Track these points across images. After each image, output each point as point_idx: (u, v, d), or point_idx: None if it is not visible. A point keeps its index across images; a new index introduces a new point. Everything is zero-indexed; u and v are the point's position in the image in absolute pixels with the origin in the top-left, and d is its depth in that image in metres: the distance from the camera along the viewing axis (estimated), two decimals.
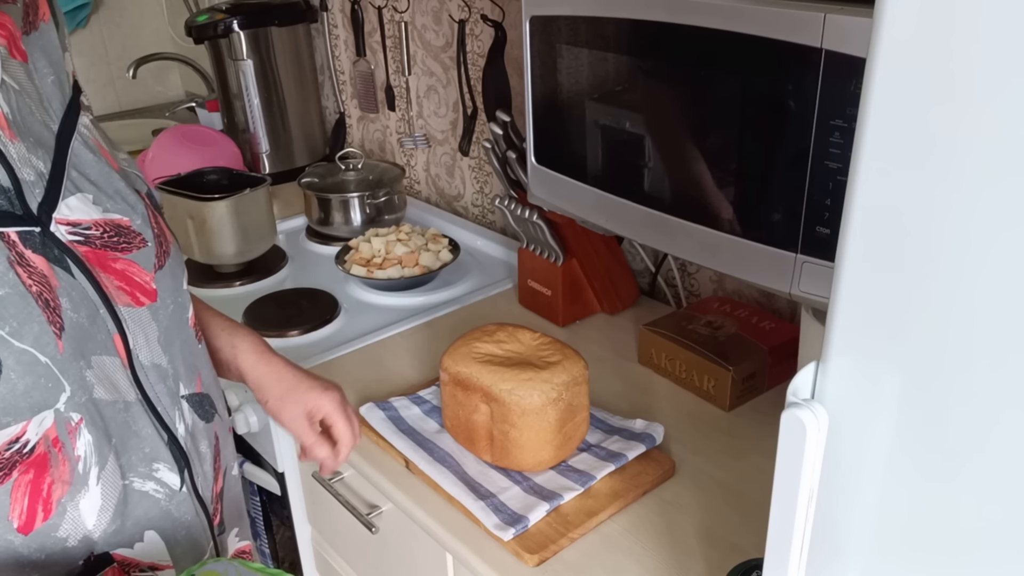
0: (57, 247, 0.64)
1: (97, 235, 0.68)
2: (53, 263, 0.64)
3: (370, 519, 1.11)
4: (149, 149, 1.87)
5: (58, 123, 0.67)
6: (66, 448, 0.64)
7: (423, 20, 1.70)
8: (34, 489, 0.63)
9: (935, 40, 0.40)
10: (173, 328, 0.75)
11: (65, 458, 0.64)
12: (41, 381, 0.61)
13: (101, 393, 0.67)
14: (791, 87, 0.78)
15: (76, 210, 0.66)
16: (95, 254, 0.67)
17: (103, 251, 0.68)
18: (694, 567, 0.87)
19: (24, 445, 0.62)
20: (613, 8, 0.92)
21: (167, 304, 0.74)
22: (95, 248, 0.67)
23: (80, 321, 0.65)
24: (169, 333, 0.74)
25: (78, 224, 0.66)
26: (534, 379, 0.93)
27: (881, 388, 0.48)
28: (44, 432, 0.62)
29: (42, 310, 0.62)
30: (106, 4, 2.57)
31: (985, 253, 0.41)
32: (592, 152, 1.02)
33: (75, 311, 0.65)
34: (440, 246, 1.52)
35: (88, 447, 0.65)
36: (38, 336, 0.61)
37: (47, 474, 0.63)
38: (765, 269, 0.86)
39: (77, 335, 0.64)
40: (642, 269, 1.44)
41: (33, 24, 0.67)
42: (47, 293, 0.62)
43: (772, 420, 1.09)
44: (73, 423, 0.64)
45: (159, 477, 0.71)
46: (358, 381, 1.21)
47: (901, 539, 0.51)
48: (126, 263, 0.70)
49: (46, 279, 0.63)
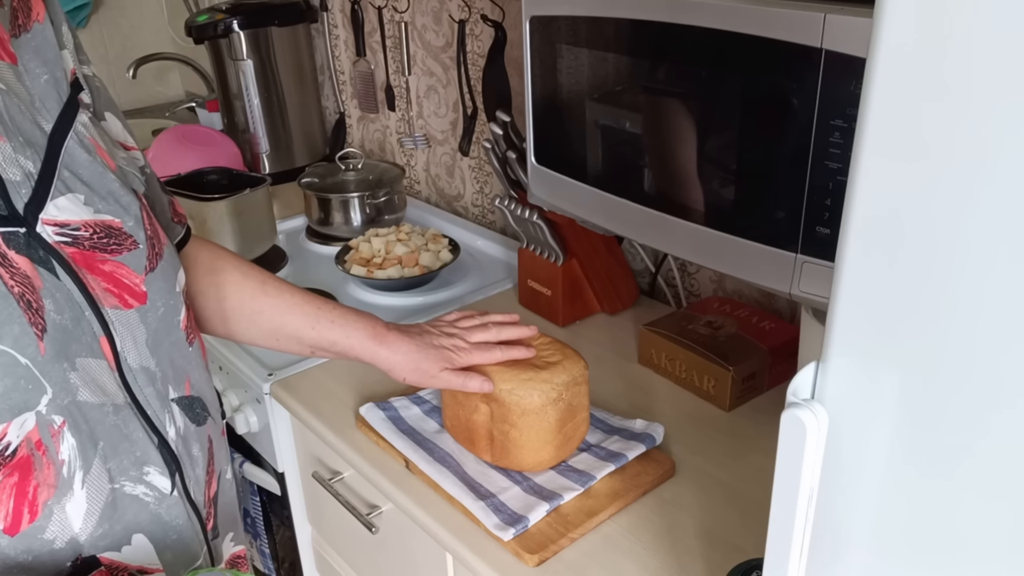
0: (43, 248, 0.64)
1: (86, 236, 0.68)
2: (37, 264, 0.64)
3: (370, 519, 1.11)
4: (149, 149, 1.87)
5: (52, 123, 0.67)
6: (50, 452, 0.64)
7: (423, 20, 1.70)
8: (19, 491, 0.63)
9: (935, 40, 0.40)
10: (162, 331, 0.75)
11: (49, 461, 0.64)
12: (21, 383, 0.61)
13: (87, 396, 0.66)
14: (791, 87, 0.78)
15: (65, 211, 0.66)
16: (83, 255, 0.67)
17: (91, 252, 0.68)
18: (694, 567, 0.87)
19: (6, 448, 0.61)
20: (613, 8, 0.92)
21: (157, 307, 0.74)
22: (83, 249, 0.67)
23: (63, 323, 0.65)
24: (158, 336, 0.74)
25: (66, 225, 0.66)
26: (534, 379, 0.93)
27: (881, 388, 0.48)
28: (26, 435, 0.62)
29: (23, 311, 0.61)
30: (106, 4, 2.57)
31: (985, 253, 0.41)
32: (592, 152, 1.02)
33: (59, 313, 0.64)
34: (440, 246, 1.52)
35: (72, 451, 0.65)
36: (18, 337, 0.61)
37: (32, 477, 0.63)
38: (765, 269, 0.86)
39: (60, 337, 0.64)
40: (642, 269, 1.44)
41: (24, 26, 0.68)
42: (29, 294, 0.62)
43: (772, 420, 1.09)
44: (56, 426, 0.64)
45: (149, 480, 0.71)
46: (358, 381, 1.21)
47: (901, 539, 0.51)
48: (115, 265, 0.70)
49: (29, 280, 0.63)
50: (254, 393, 1.26)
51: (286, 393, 1.20)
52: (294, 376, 1.23)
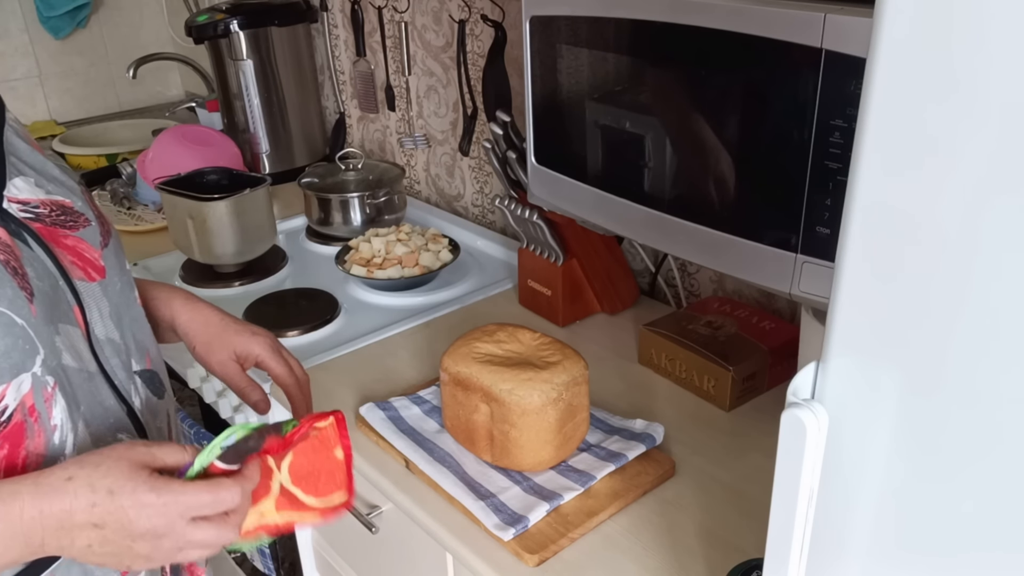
0: (13, 222, 0.68)
1: (46, 213, 0.72)
2: (13, 236, 0.68)
3: (370, 519, 1.11)
4: (149, 149, 1.87)
5: None
6: (42, 418, 0.66)
7: (423, 20, 1.70)
8: (8, 464, 0.65)
9: (935, 40, 0.40)
10: (123, 305, 0.78)
11: (41, 429, 0.66)
12: (19, 343, 0.64)
13: (69, 360, 0.69)
14: (791, 87, 0.78)
15: (23, 190, 0.71)
16: (48, 230, 0.71)
17: (54, 228, 0.72)
18: (694, 567, 0.87)
19: (3, 412, 0.64)
20: (613, 8, 0.92)
21: (115, 281, 0.77)
22: (46, 225, 0.71)
23: (45, 289, 0.68)
24: (119, 309, 0.77)
25: (27, 203, 0.71)
26: (534, 379, 0.93)
27: (881, 388, 0.48)
28: (21, 398, 0.64)
29: (11, 276, 0.65)
30: (106, 4, 2.57)
31: (985, 253, 0.41)
32: (592, 152, 1.02)
33: (40, 279, 0.68)
34: (440, 246, 1.52)
35: (63, 414, 0.68)
36: (12, 299, 0.64)
37: (22, 447, 0.65)
38: (765, 269, 0.86)
39: (45, 301, 0.67)
40: (642, 269, 1.44)
41: None
42: (14, 262, 0.66)
43: (772, 420, 1.09)
44: (49, 388, 0.66)
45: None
46: (358, 381, 1.21)
47: (901, 539, 0.51)
48: (76, 240, 0.73)
49: (10, 248, 0.66)
50: None
51: None
52: None
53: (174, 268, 1.60)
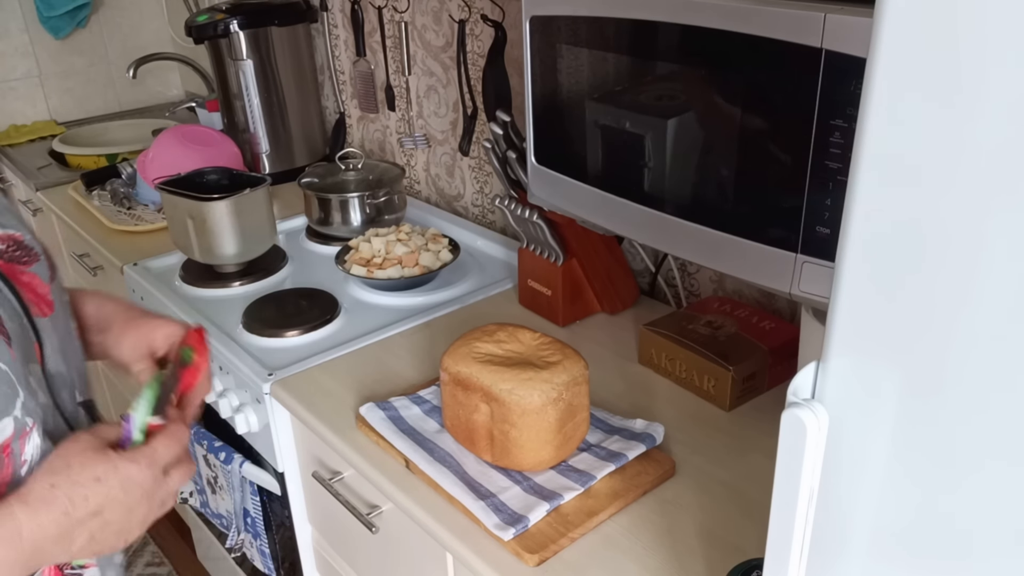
0: None
1: (3, 248, 0.71)
2: None
3: (370, 519, 1.11)
4: (149, 149, 1.87)
5: None
6: (14, 454, 0.66)
7: (423, 20, 1.70)
8: None
9: (935, 40, 0.40)
10: (67, 337, 0.78)
11: (11, 463, 0.66)
12: (3, 388, 0.64)
13: (42, 397, 0.70)
14: (791, 87, 0.78)
15: None
16: (8, 266, 0.71)
17: (11, 264, 0.71)
18: (694, 567, 0.87)
19: None
20: (613, 8, 0.92)
21: (60, 315, 0.77)
22: (5, 261, 0.71)
23: (15, 329, 0.68)
24: (64, 342, 0.77)
25: None
26: (534, 379, 0.93)
27: (881, 388, 0.48)
28: (3, 441, 0.64)
29: None
30: (106, 4, 2.57)
31: (986, 254, 0.41)
32: (592, 152, 1.02)
33: (10, 320, 0.67)
34: (440, 246, 1.52)
35: (35, 450, 0.67)
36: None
37: None
38: (765, 269, 0.86)
39: (19, 343, 0.67)
40: (642, 269, 1.44)
41: None
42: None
43: (772, 420, 1.09)
44: (28, 427, 0.66)
45: None
46: (358, 381, 1.21)
47: (901, 539, 0.51)
48: (30, 276, 0.73)
49: None
50: (254, 393, 1.26)
51: (286, 393, 1.20)
52: (294, 376, 1.23)
53: (174, 268, 1.60)
